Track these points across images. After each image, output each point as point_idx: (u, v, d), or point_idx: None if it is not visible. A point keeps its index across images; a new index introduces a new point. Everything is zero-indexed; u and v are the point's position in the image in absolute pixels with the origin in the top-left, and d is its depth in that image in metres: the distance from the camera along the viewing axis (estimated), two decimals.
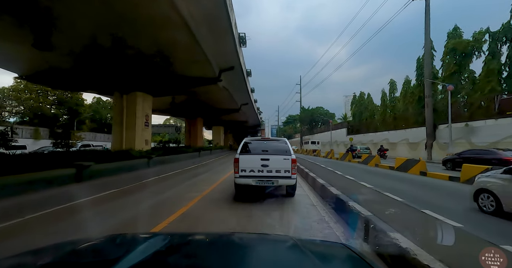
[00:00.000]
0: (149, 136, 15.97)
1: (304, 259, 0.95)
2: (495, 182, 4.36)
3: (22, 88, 32.21)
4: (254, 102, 32.82)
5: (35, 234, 3.63)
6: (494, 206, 4.33)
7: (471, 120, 17.37)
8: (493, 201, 4.36)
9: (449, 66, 19.19)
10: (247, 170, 5.47)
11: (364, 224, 3.38)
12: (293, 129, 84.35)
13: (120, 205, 5.39)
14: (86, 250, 1.07)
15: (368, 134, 32.22)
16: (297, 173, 5.85)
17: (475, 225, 4.03)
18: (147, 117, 15.58)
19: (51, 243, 1.14)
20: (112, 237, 1.27)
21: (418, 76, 22.98)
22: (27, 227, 3.98)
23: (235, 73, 16.39)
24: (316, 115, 61.80)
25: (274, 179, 5.41)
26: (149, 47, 10.87)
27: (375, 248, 2.82)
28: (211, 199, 5.83)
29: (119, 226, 4.01)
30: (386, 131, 27.97)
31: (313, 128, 61.97)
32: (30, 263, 0.93)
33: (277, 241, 1.36)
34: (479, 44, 17.60)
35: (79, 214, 4.68)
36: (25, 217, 4.28)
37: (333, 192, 5.23)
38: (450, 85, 17.26)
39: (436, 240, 2.88)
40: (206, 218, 4.42)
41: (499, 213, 4.22)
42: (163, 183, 8.33)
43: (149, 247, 1.01)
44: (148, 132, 15.67)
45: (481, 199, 4.59)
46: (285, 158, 5.50)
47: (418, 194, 6.27)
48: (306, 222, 4.14)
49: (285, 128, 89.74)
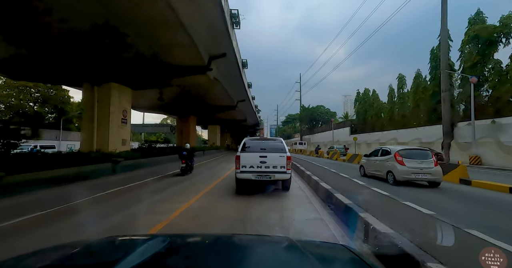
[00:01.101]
0: (127, 134, 13.73)
1: (303, 261, 0.95)
2: (362, 161, 9.80)
3: (1, 84, 29.82)
4: (251, 99, 30.61)
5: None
6: (363, 172, 9.51)
7: (498, 116, 15.23)
8: (362, 169, 9.62)
9: (470, 56, 16.97)
10: (247, 166, 5.99)
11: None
12: (292, 129, 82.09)
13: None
14: (84, 252, 1.06)
15: (374, 133, 30.06)
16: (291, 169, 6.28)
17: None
18: (125, 113, 13.34)
19: (50, 246, 1.11)
20: (111, 239, 1.27)
21: (432, 69, 20.81)
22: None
23: (228, 61, 14.19)
24: (316, 114, 59.62)
25: (271, 174, 5.94)
26: (124, 25, 8.64)
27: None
28: (177, 229, 3.64)
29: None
30: (395, 130, 25.82)
31: (313, 127, 59.74)
32: (28, 265, 0.92)
33: (276, 242, 1.35)
34: (508, 29, 15.45)
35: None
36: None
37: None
38: (473, 76, 15.12)
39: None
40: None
41: (364, 175, 9.40)
42: (116, 200, 5.73)
43: (148, 249, 1.01)
44: (126, 130, 13.43)
45: (360, 169, 9.92)
46: (281, 156, 6.06)
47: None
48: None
49: (284, 127, 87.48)
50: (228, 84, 18.56)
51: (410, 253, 2.27)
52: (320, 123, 60.27)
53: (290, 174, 6.04)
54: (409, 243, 2.46)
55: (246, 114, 35.35)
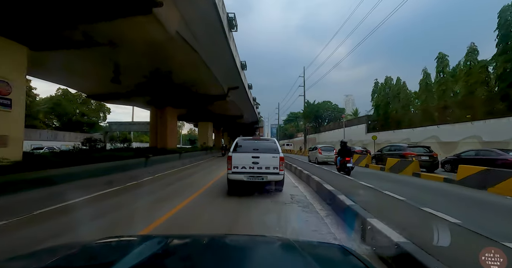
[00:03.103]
0: (14, 127, 7.67)
1: (301, 261, 0.96)
2: (309, 153, 19.76)
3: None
4: (247, 88, 24.62)
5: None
6: (308, 159, 19.06)
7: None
8: (308, 158, 19.50)
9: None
10: (239, 167, 5.95)
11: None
12: (295, 128, 75.76)
13: None
14: (81, 254, 1.04)
15: (400, 130, 24.08)
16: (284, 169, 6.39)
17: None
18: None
19: (45, 247, 1.12)
20: (107, 240, 1.26)
21: (501, 39, 14.74)
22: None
23: (207, 21, 8.32)
24: (322, 110, 53.24)
25: (264, 175, 5.92)
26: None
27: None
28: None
29: None
30: (433, 126, 19.83)
31: (319, 125, 53.64)
32: (23, 267, 0.91)
33: (274, 243, 1.35)
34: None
35: None
36: None
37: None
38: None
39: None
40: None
41: (309, 160, 18.47)
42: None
43: (145, 250, 1.00)
44: (11, 119, 7.46)
45: (308, 158, 19.67)
46: (274, 156, 6.05)
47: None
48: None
49: (286, 126, 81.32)
50: (210, 58, 12.63)
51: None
52: (327, 120, 54.15)
53: (283, 175, 6.12)
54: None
55: (242, 109, 29.39)
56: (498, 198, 5.87)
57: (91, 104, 44.49)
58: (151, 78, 13.88)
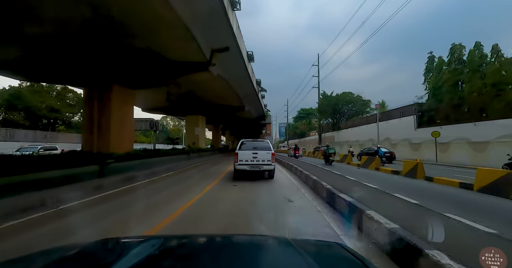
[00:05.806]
0: None
1: (299, 260, 0.95)
2: (290, 151, 26.99)
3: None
4: (246, 57, 16.30)
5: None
6: (287, 155, 27.06)
7: None
8: (288, 154, 28.01)
9: None
10: (243, 160, 8.35)
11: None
12: (307, 125, 66.64)
13: None
14: (76, 256, 1.01)
15: (491, 122, 15.28)
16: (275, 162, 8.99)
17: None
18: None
19: (43, 249, 1.05)
20: (104, 242, 1.22)
21: None
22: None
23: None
24: (342, 103, 44.09)
25: (261, 165, 8.34)
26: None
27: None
28: None
29: None
30: None
31: (337, 121, 44.71)
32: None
33: (271, 242, 1.34)
34: None
35: None
36: None
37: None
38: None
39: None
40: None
41: (289, 155, 25.27)
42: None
43: (142, 251, 0.98)
44: None
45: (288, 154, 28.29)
46: (268, 152, 8.50)
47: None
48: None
49: (296, 124, 72.38)
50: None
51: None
52: (346, 116, 45.09)
53: (274, 165, 8.64)
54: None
55: (241, 95, 21.14)
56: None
57: (71, 98, 37.47)
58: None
